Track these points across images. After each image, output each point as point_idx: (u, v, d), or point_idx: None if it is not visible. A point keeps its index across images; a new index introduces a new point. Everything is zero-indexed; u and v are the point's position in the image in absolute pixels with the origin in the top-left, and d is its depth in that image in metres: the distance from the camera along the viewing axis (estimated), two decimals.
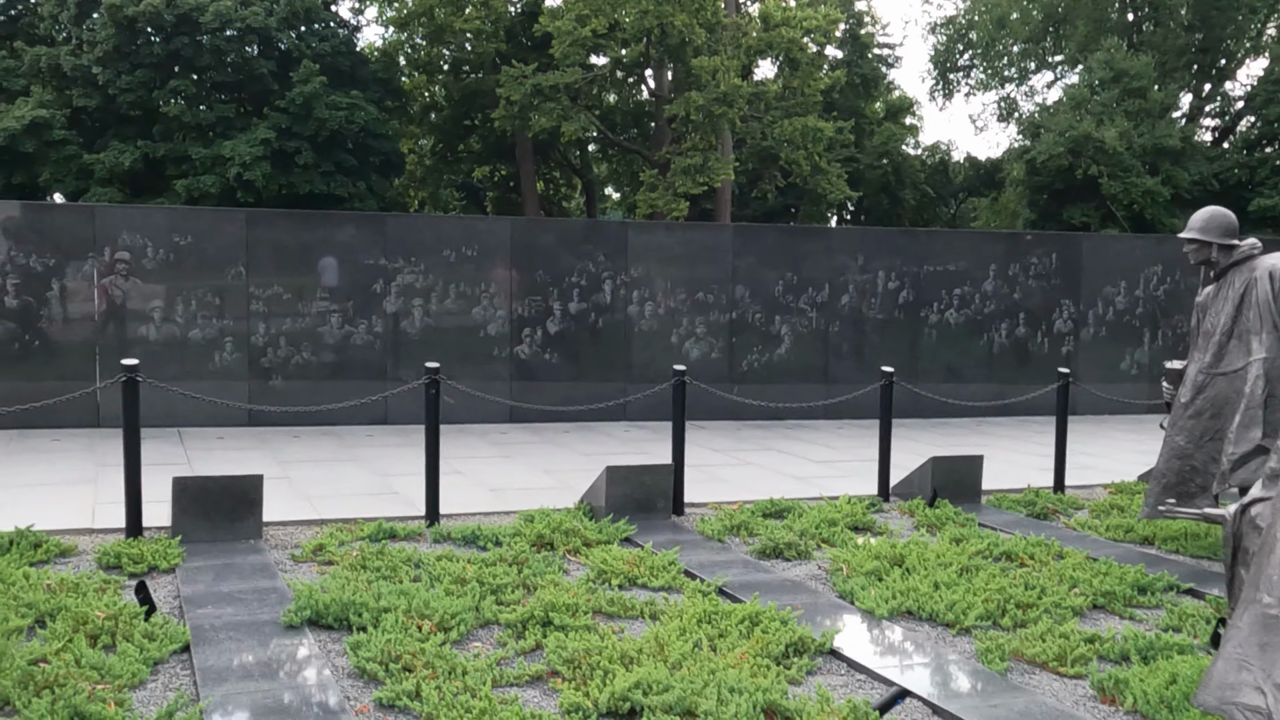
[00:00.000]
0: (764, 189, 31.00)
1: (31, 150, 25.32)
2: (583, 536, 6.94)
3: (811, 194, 31.00)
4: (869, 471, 9.75)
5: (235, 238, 10.83)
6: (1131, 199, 27.63)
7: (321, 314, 11.09)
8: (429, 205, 35.45)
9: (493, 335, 11.64)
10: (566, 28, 26.14)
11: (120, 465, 8.76)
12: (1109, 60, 28.46)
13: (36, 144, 25.37)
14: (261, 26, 26.18)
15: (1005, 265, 13.28)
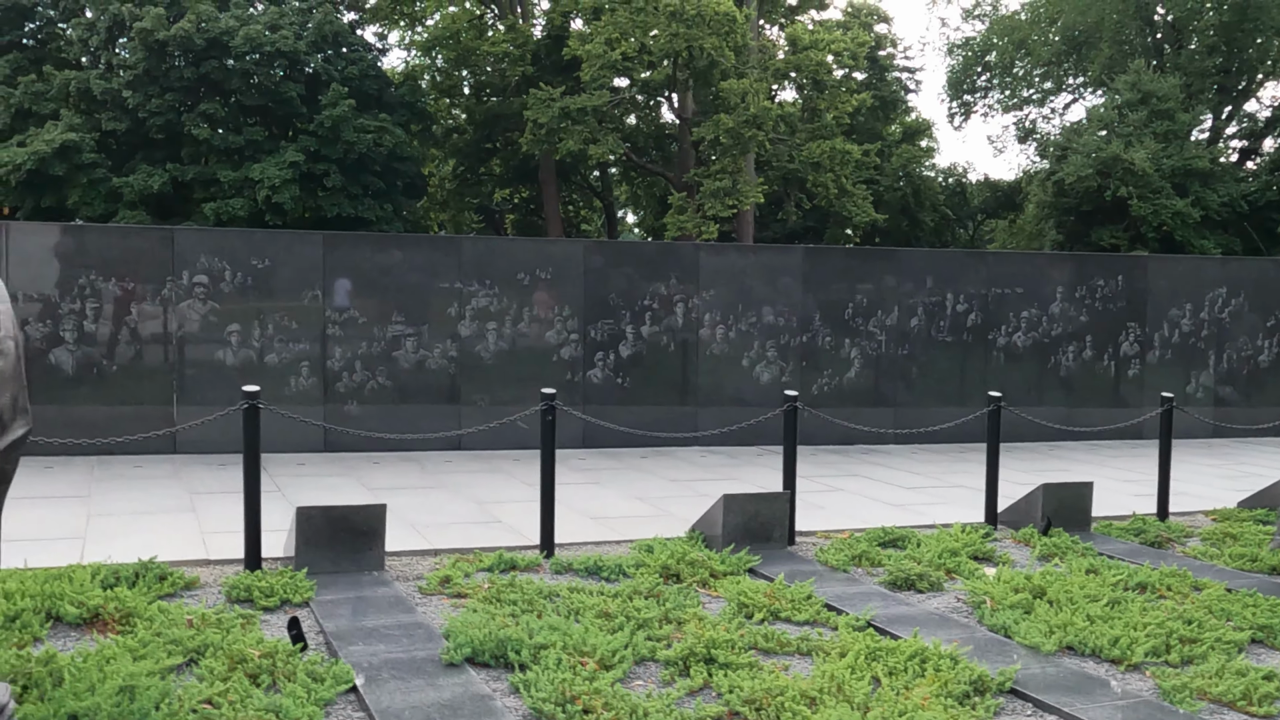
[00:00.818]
0: (789, 211, 30.97)
1: (61, 173, 25.25)
2: (709, 568, 6.79)
3: (836, 216, 30.94)
4: (963, 498, 9.63)
5: (312, 261, 10.71)
6: (1161, 220, 27.56)
7: (396, 338, 10.96)
8: (449, 228, 35.39)
9: (565, 359, 11.51)
10: (596, 50, 26.14)
11: (217, 493, 8.68)
12: (1135, 82, 28.45)
13: (66, 167, 25.29)
14: (291, 50, 26.16)
15: (1072, 287, 13.18)
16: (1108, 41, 32.37)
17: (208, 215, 26.30)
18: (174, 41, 25.30)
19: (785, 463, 7.84)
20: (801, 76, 28.44)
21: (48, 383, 10.12)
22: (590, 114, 27.67)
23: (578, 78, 30.61)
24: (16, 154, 25.05)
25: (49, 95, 26.57)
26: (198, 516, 7.92)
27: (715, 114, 27.56)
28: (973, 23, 40.17)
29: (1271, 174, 28.72)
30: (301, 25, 27.06)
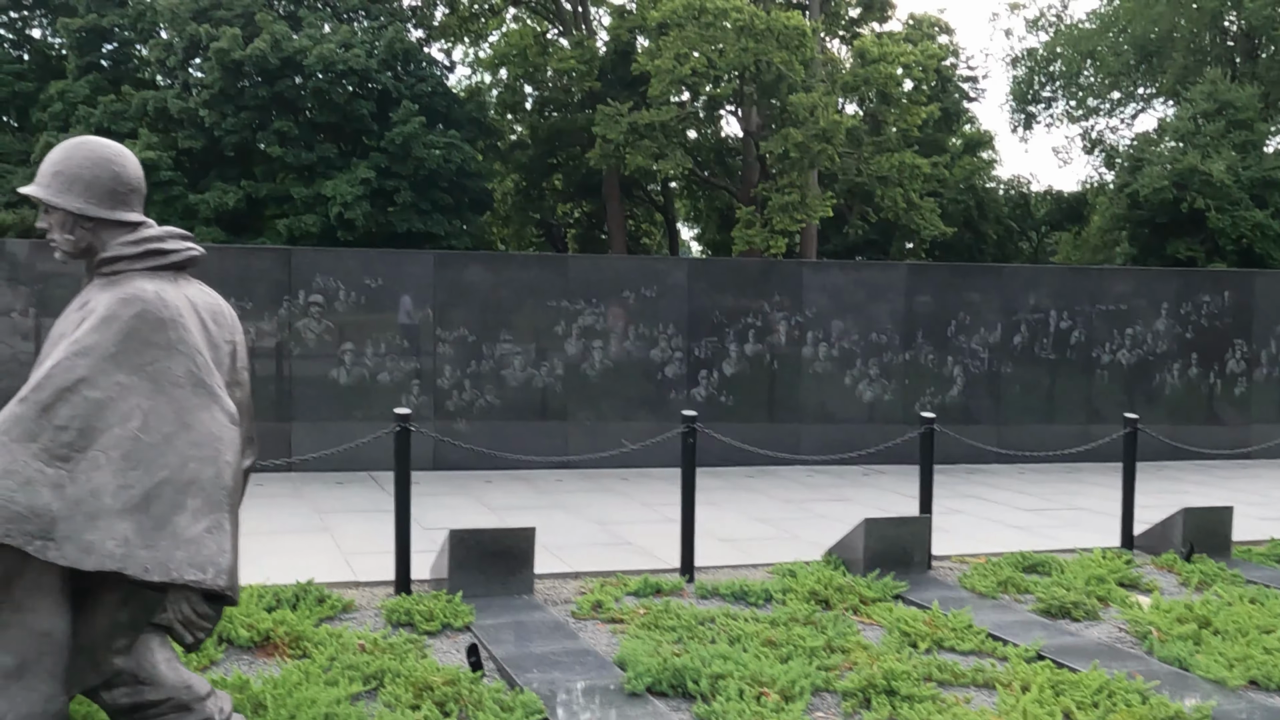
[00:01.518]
0: (855, 224, 30.79)
1: None
2: (858, 594, 6.70)
3: (903, 230, 30.72)
4: (1087, 520, 9.47)
5: (423, 280, 10.77)
6: (1240, 233, 27.07)
7: (505, 356, 10.98)
8: (511, 243, 35.54)
9: (669, 377, 11.47)
10: (666, 66, 26.15)
11: (344, 512, 8.73)
12: (1212, 91, 28.01)
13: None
14: (363, 68, 26.43)
15: (1177, 304, 12.95)
16: (1180, 51, 31.94)
17: (280, 231, 26.61)
18: (249, 61, 25.66)
19: (921, 485, 7.75)
20: (869, 90, 28.27)
21: None
22: (658, 129, 27.70)
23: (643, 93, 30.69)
24: None
25: (127, 114, 27.03)
26: (333, 537, 7.95)
27: (782, 128, 27.49)
28: (1036, 33, 39.86)
29: None
30: (373, 44, 27.33)
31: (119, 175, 3.61)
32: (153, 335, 3.41)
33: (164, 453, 3.33)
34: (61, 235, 3.60)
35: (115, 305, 3.39)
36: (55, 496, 3.19)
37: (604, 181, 32.56)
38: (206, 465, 3.38)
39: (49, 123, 27.62)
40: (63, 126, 27.45)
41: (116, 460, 3.28)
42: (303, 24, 27.44)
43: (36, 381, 3.26)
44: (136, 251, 3.57)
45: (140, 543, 3.24)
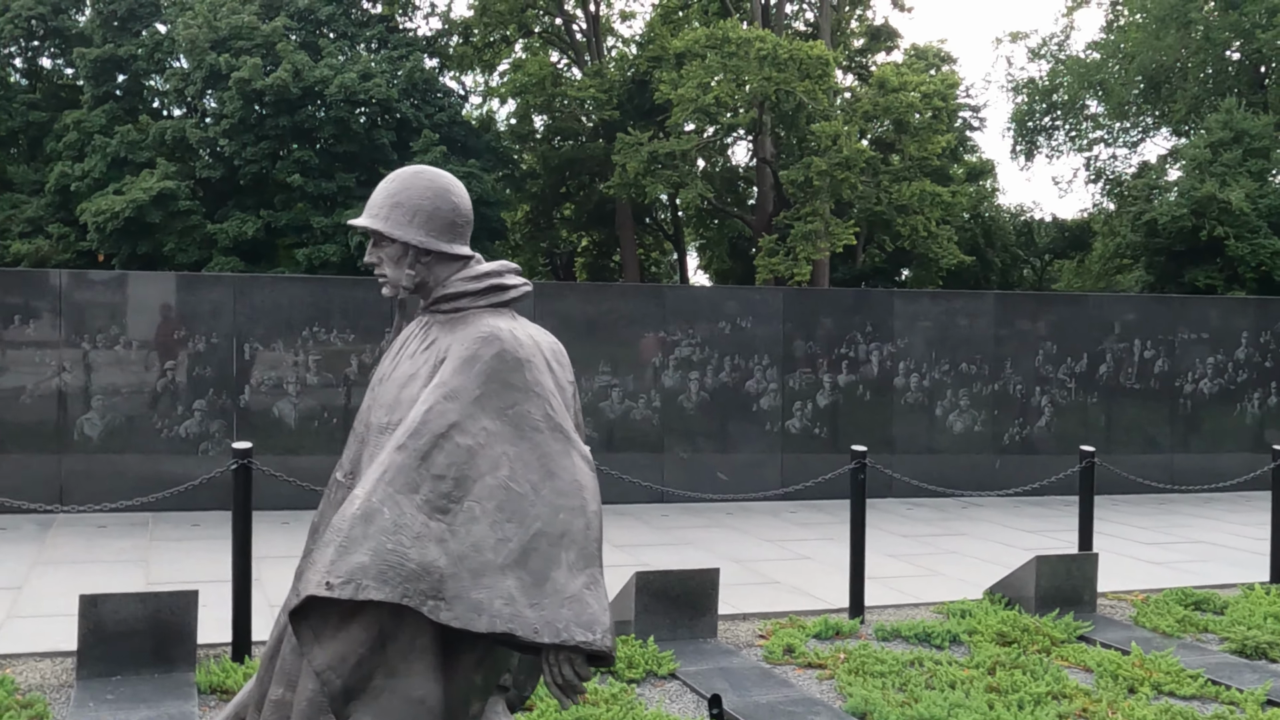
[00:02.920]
0: (871, 253, 30.82)
1: (157, 220, 25.33)
2: (1047, 635, 6.51)
3: (921, 258, 30.77)
4: (1219, 554, 9.34)
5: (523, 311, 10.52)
6: (1259, 260, 27.23)
7: (603, 388, 10.77)
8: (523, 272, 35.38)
9: (765, 409, 11.29)
10: (689, 94, 26.14)
11: None
12: (1228, 120, 28.22)
13: (162, 214, 25.39)
14: (384, 98, 26.27)
15: (1256, 332, 12.92)
16: (1190, 80, 32.25)
17: (300, 261, 26.36)
18: (270, 90, 25.45)
19: (1081, 520, 7.60)
20: (889, 118, 28.38)
21: (272, 432, 9.96)
22: (679, 158, 27.68)
23: (660, 121, 30.68)
24: (115, 202, 25.18)
25: (144, 144, 26.74)
26: None
27: (802, 156, 27.52)
28: (1038, 62, 40.16)
29: None
30: (393, 73, 27.20)
31: (458, 207, 3.42)
32: (511, 377, 3.21)
33: (534, 503, 3.12)
34: (397, 270, 3.39)
35: (475, 345, 3.19)
36: (441, 552, 2.98)
37: (617, 210, 32.47)
38: (576, 516, 3.17)
39: (63, 152, 27.29)
40: (77, 156, 27.14)
41: (492, 512, 3.07)
42: (322, 53, 27.27)
43: (412, 427, 3.04)
44: (480, 288, 3.37)
45: (525, 601, 3.02)
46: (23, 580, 7.16)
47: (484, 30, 31.38)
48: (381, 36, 29.17)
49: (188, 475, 9.56)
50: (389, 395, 3.30)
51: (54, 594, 6.86)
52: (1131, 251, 30.87)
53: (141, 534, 8.78)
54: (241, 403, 9.85)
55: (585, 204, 34.99)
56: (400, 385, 3.28)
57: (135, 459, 9.57)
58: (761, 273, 27.22)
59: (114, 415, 9.52)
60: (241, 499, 5.89)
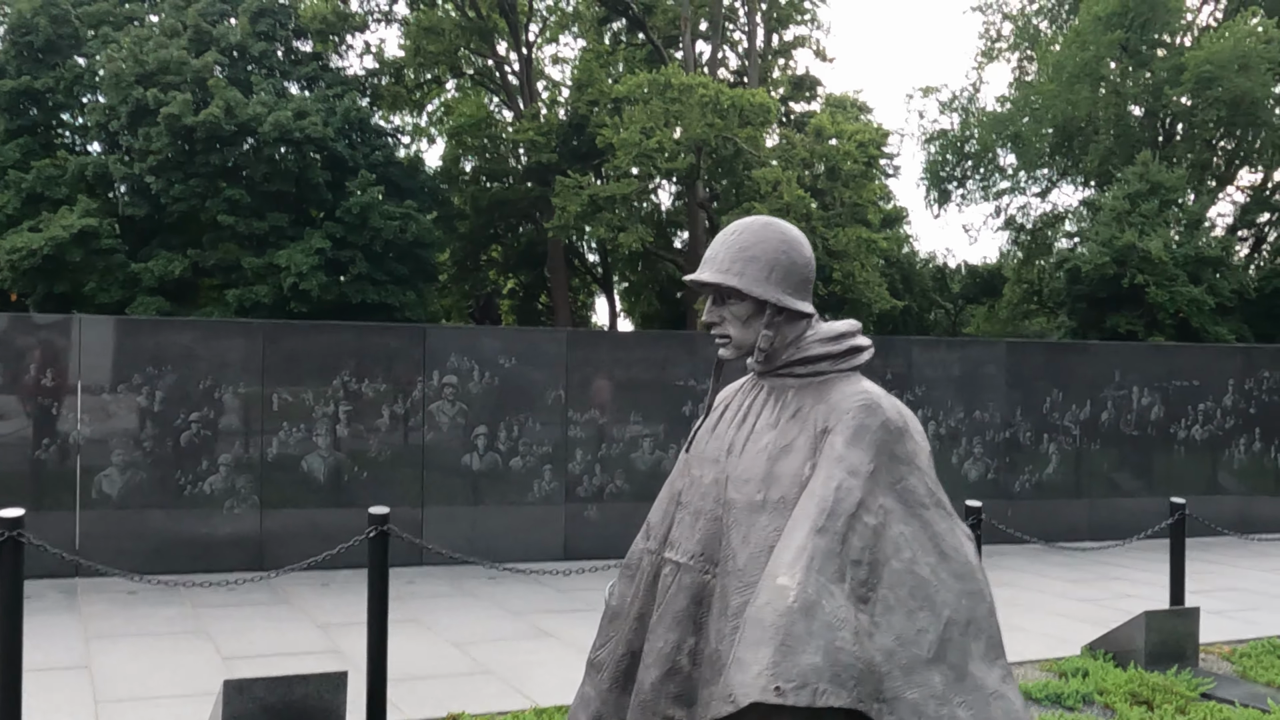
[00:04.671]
0: None
1: (78, 259, 24.13)
2: (1177, 692, 6.44)
3: (853, 302, 31.19)
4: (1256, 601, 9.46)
5: (555, 358, 10.20)
6: (1177, 307, 28.31)
7: (634, 439, 10.47)
8: (454, 315, 34.74)
9: None
10: (632, 139, 26.12)
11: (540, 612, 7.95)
12: (1143, 173, 29.39)
13: (83, 253, 24.20)
14: (320, 136, 25.58)
15: (1241, 379, 13.31)
16: (1102, 134, 33.52)
17: (230, 302, 25.39)
18: (201, 127, 24.55)
19: (1173, 572, 7.59)
20: (825, 165, 28.81)
21: (300, 488, 9.40)
22: (619, 201, 27.61)
23: (597, 165, 30.62)
24: (31, 239, 23.92)
25: (63, 179, 25.51)
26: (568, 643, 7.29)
27: (739, 201, 27.71)
28: (949, 115, 41.32)
29: (1273, 261, 29.86)
30: (328, 112, 26.54)
31: (810, 260, 3.16)
32: (896, 448, 2.96)
33: (938, 588, 2.87)
34: (745, 331, 3.09)
35: (860, 415, 2.92)
36: (874, 648, 2.69)
37: (549, 253, 32.21)
38: (978, 601, 2.94)
39: None
40: None
41: (905, 600, 2.80)
42: (253, 89, 26.47)
43: (826, 507, 2.76)
44: (840, 350, 3.09)
45: (955, 700, 2.77)
46: (85, 658, 6.50)
47: (416, 70, 30.97)
48: (314, 75, 28.49)
49: (212, 535, 8.96)
50: (757, 469, 2.98)
51: (132, 675, 6.23)
52: (1055, 298, 31.80)
53: (175, 599, 8.13)
54: (269, 456, 9.27)
55: (514, 246, 34.66)
56: (771, 458, 2.97)
57: (157, 516, 8.90)
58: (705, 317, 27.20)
59: (134, 471, 8.85)
60: (379, 566, 5.43)
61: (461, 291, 34.81)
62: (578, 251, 34.81)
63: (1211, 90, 29.78)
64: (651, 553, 3.26)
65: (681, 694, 3.01)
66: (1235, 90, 29.51)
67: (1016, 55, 39.63)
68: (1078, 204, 35.93)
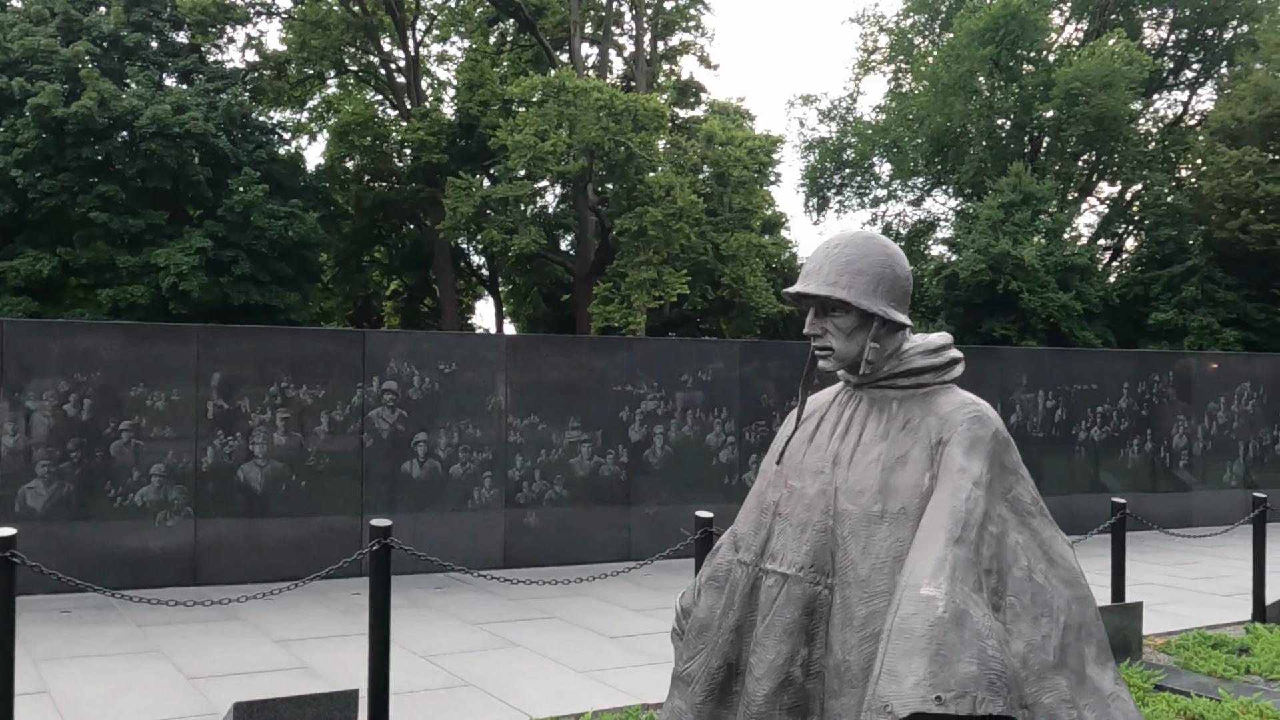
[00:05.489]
0: (694, 302, 31.40)
1: None
2: (1135, 685, 6.72)
3: (741, 306, 31.64)
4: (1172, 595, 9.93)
5: (495, 364, 10.04)
6: (1048, 313, 29.56)
7: (574, 444, 10.38)
8: (336, 318, 33.90)
9: (724, 462, 11.21)
10: (527, 141, 25.97)
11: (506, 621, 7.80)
12: (1016, 184, 30.60)
13: None
14: (200, 131, 24.65)
15: (1135, 383, 13.98)
16: (975, 144, 34.78)
17: (103, 303, 24.27)
18: (73, 119, 23.40)
19: (1114, 569, 7.91)
20: (717, 170, 29.16)
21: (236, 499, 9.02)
22: (512, 203, 27.44)
23: (486, 166, 30.32)
24: None
25: None
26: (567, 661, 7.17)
27: (631, 206, 27.78)
28: (828, 123, 42.24)
29: (1137, 269, 31.44)
30: (209, 106, 25.61)
31: (909, 275, 3.19)
32: (1004, 458, 3.03)
33: (1052, 595, 2.95)
34: (849, 343, 3.09)
35: (974, 426, 2.97)
36: (1012, 654, 2.74)
37: (436, 254, 31.77)
38: (1087, 606, 3.03)
39: None
40: None
41: (1029, 606, 2.87)
42: (128, 81, 25.36)
43: (960, 518, 2.78)
44: (942, 362, 3.14)
45: (1081, 703, 2.84)
46: (40, 683, 6.08)
47: (299, 65, 30.14)
48: (192, 68, 27.45)
49: (144, 548, 8.56)
50: (871, 480, 2.98)
51: (95, 699, 5.86)
52: (933, 303, 32.80)
53: (114, 617, 7.70)
54: (203, 465, 8.87)
55: (398, 247, 34.06)
56: (886, 469, 2.98)
57: (85, 530, 8.42)
58: (596, 321, 27.23)
59: (61, 483, 8.35)
60: (381, 580, 5.26)
61: (344, 293, 34.02)
62: (463, 253, 34.38)
63: (1077, 106, 31.20)
64: (746, 564, 3.23)
65: (795, 705, 2.99)
66: (1099, 107, 30.97)
67: (892, 67, 40.84)
68: (951, 212, 37.18)
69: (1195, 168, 33.02)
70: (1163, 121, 37.30)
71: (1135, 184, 34.22)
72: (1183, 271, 28.55)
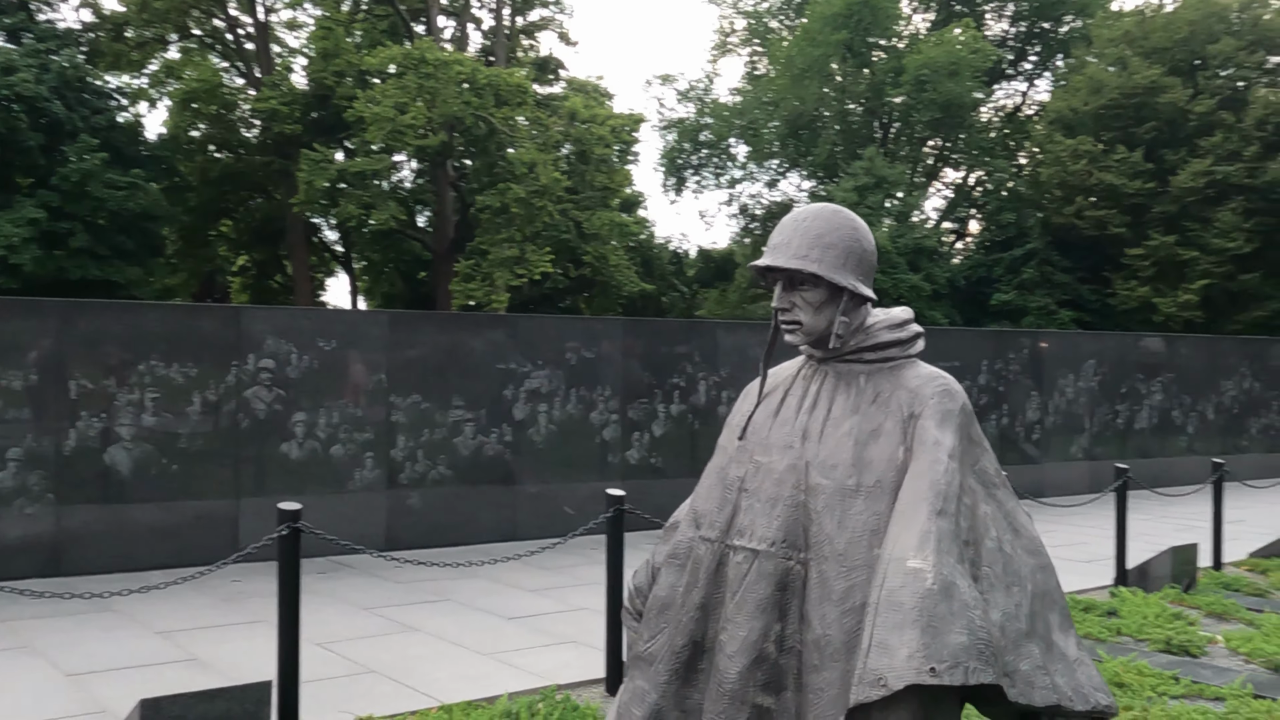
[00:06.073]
0: (557, 280, 31.25)
1: None
2: None
3: (604, 284, 31.64)
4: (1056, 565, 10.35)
5: (378, 342, 9.72)
6: (899, 293, 30.51)
7: (457, 424, 10.15)
8: (181, 294, 32.41)
9: (608, 440, 11.16)
10: (386, 114, 25.30)
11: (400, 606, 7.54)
12: (869, 167, 31.46)
13: None
14: (32, 95, 23.15)
15: (993, 361, 14.56)
16: (829, 127, 35.56)
17: None
18: None
19: None
20: (579, 148, 29.00)
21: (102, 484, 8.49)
22: (370, 178, 26.74)
23: (341, 139, 29.45)
24: None
25: None
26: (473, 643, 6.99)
27: (492, 182, 27.41)
28: (686, 104, 42.54)
29: (980, 253, 32.73)
30: (41, 68, 24.05)
31: (875, 249, 3.19)
32: (971, 430, 3.08)
33: (1019, 564, 3.02)
34: (818, 317, 3.05)
35: (943, 400, 3.00)
36: (991, 623, 2.78)
37: (288, 229, 30.72)
38: (1049, 574, 3.11)
39: None
40: None
41: (1001, 576, 2.93)
42: None
43: (940, 490, 2.80)
44: (907, 336, 3.16)
45: (1051, 668, 2.91)
46: None
47: (139, 28, 28.61)
48: (21, 26, 25.72)
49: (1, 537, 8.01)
50: (844, 454, 2.96)
51: None
52: None
53: None
54: (66, 449, 8.32)
55: (247, 220, 32.78)
56: (859, 443, 2.97)
57: None
58: (458, 299, 26.81)
59: None
60: (290, 566, 5.02)
61: (189, 268, 32.55)
62: (315, 228, 33.33)
63: (925, 93, 32.21)
64: (711, 541, 3.16)
65: (769, 681, 2.96)
66: (946, 94, 32.06)
67: (749, 50, 41.37)
68: (806, 195, 37.93)
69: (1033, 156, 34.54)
70: (1003, 111, 38.89)
71: (978, 170, 35.55)
72: (1022, 254, 29.84)
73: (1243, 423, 17.49)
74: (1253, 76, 28.48)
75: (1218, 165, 26.65)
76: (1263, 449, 17.61)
